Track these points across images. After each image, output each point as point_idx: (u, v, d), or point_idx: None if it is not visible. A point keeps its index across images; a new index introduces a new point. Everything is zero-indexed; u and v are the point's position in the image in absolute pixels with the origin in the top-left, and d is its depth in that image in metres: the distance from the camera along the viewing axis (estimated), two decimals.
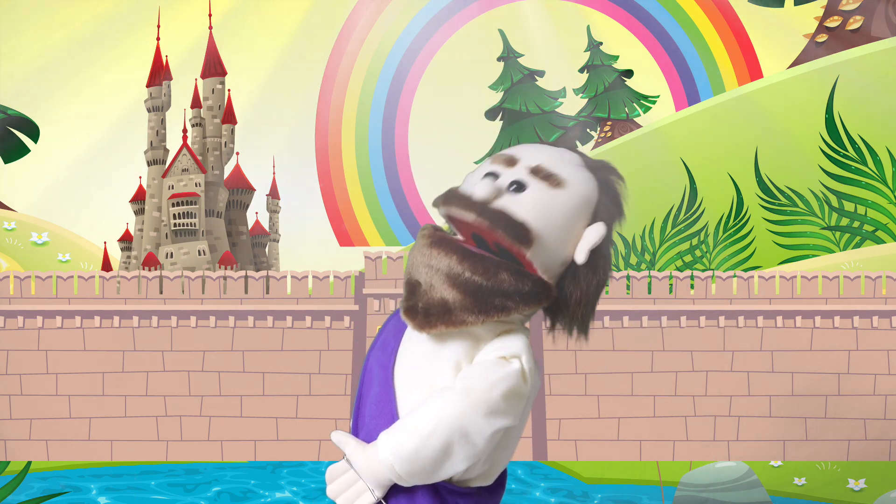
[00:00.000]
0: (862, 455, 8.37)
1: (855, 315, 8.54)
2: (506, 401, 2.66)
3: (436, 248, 2.70)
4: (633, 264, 9.43)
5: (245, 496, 8.29)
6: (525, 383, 2.71)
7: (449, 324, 2.66)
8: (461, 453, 2.62)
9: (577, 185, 2.77)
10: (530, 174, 2.75)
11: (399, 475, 2.65)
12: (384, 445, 2.67)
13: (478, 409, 2.61)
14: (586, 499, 8.22)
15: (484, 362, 2.70)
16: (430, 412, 2.63)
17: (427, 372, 2.74)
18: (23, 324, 8.58)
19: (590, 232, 2.77)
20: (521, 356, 2.72)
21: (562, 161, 2.82)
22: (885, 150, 9.20)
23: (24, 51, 9.96)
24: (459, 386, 2.65)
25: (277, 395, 8.60)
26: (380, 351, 2.90)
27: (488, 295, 2.64)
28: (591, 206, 2.79)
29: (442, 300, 2.67)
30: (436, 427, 2.61)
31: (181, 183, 9.84)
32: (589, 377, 8.54)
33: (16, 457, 8.39)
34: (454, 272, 2.65)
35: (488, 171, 2.79)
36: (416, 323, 2.70)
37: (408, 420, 2.67)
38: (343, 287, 8.70)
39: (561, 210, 2.72)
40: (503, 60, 10.85)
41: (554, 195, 2.72)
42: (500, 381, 2.65)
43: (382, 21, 10.39)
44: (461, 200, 2.73)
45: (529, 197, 2.71)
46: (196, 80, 10.09)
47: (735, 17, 10.15)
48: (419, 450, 2.62)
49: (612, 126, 10.69)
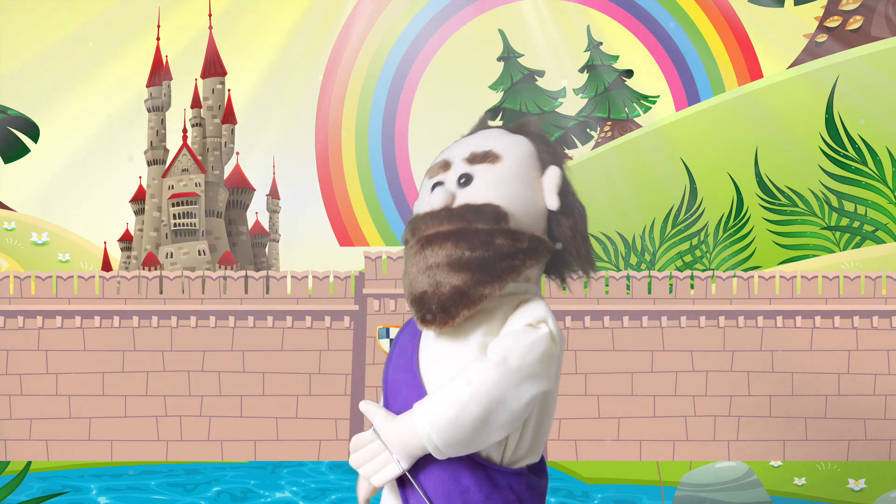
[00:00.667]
0: (862, 455, 8.37)
1: (855, 315, 8.55)
2: (541, 364, 2.68)
3: (427, 247, 2.74)
4: (633, 264, 9.43)
5: (245, 496, 8.29)
6: (556, 345, 2.71)
7: (469, 305, 2.68)
8: (499, 420, 2.62)
9: (511, 148, 2.87)
10: (469, 164, 2.84)
11: (436, 445, 2.63)
12: (420, 416, 2.65)
13: (515, 374, 2.63)
14: (586, 499, 8.22)
15: (513, 332, 2.73)
16: (467, 381, 2.63)
17: (455, 363, 2.73)
18: (23, 324, 8.58)
19: (547, 178, 2.87)
20: (547, 320, 2.76)
21: (487, 139, 2.92)
22: (885, 150, 9.21)
23: (24, 51, 9.97)
24: (494, 356, 2.66)
25: (277, 395, 8.60)
26: (400, 358, 2.89)
27: (494, 262, 2.70)
28: (534, 158, 2.89)
29: (453, 288, 2.70)
30: (473, 395, 2.60)
31: (181, 183, 9.85)
32: (589, 377, 8.54)
33: (16, 457, 8.39)
34: (454, 257, 2.70)
35: (434, 183, 2.85)
36: (437, 324, 2.71)
37: (444, 390, 2.66)
38: (343, 287, 8.70)
39: (512, 175, 2.82)
40: (503, 60, 10.86)
41: (499, 168, 2.82)
42: (533, 345, 2.68)
43: (382, 21, 10.39)
44: (427, 219, 2.78)
45: (481, 181, 2.80)
46: (196, 80, 10.09)
47: (735, 17, 10.16)
48: (457, 418, 2.60)
49: (612, 126, 10.69)
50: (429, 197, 2.82)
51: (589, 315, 8.58)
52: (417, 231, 2.81)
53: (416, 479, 2.70)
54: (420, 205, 2.88)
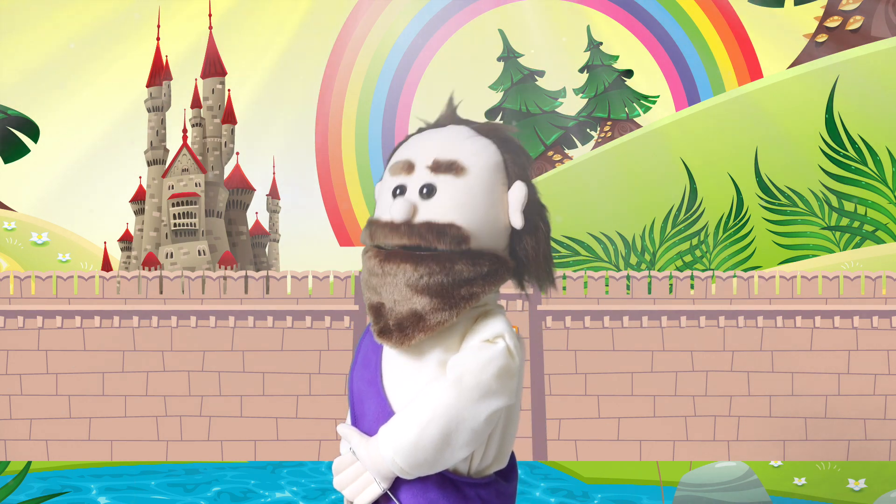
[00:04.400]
0: (862, 455, 8.37)
1: (855, 315, 8.55)
2: (498, 381, 2.67)
3: (387, 263, 2.71)
4: (633, 264, 9.43)
5: (245, 496, 8.29)
6: (513, 360, 2.69)
7: (426, 330, 2.67)
8: (461, 439, 2.64)
9: (478, 159, 2.77)
10: (433, 172, 2.74)
11: (401, 468, 2.69)
12: (384, 440, 2.69)
13: (471, 393, 2.64)
14: (586, 499, 8.22)
15: (469, 349, 2.71)
16: (426, 403, 2.65)
17: (416, 381, 2.74)
18: (23, 324, 8.58)
19: (513, 195, 2.76)
20: (504, 335, 2.73)
21: (453, 143, 2.81)
22: (885, 150, 9.21)
23: (24, 51, 9.97)
24: (451, 375, 2.67)
25: (277, 395, 8.61)
26: (363, 369, 2.89)
27: (453, 289, 2.67)
28: (500, 171, 2.79)
29: (411, 311, 2.68)
30: (432, 417, 2.63)
31: (181, 183, 9.85)
32: (589, 377, 8.54)
33: (16, 457, 8.39)
34: (412, 280, 2.67)
35: (395, 186, 2.79)
36: (393, 341, 2.71)
37: (404, 413, 2.69)
38: (343, 287, 8.70)
39: (477, 192, 2.73)
40: (503, 60, 10.87)
41: (463, 183, 2.73)
42: (489, 362, 2.67)
43: (382, 21, 10.39)
44: (386, 230, 2.73)
45: (443, 197, 2.71)
46: (196, 80, 10.09)
47: (735, 17, 10.16)
48: (418, 441, 2.63)
49: (612, 126, 10.70)
50: (389, 204, 2.76)
51: (589, 315, 8.58)
52: (376, 238, 2.76)
53: (393, 496, 2.74)
54: (381, 208, 2.83)
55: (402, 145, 2.89)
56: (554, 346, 8.56)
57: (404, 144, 2.89)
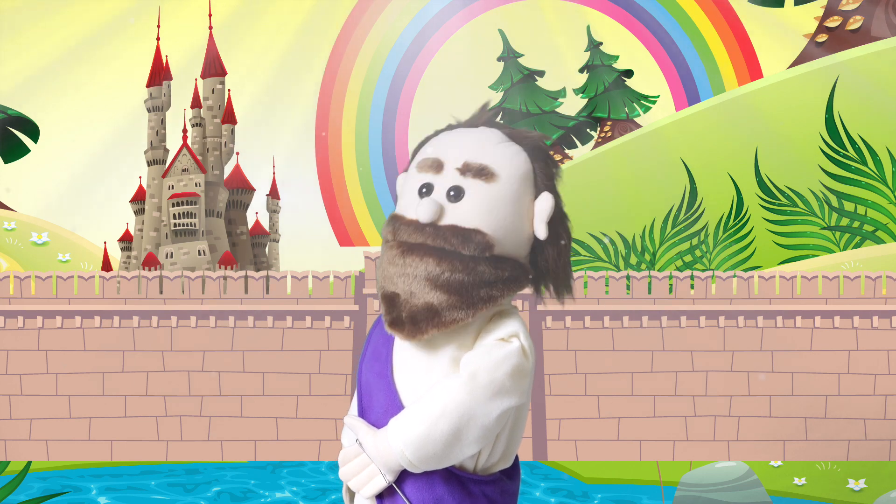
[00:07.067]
0: (861, 455, 8.37)
1: (855, 315, 8.55)
2: (511, 379, 2.67)
3: (409, 255, 2.69)
4: (633, 264, 9.43)
5: (245, 496, 8.29)
6: (527, 360, 2.71)
7: (440, 325, 2.67)
8: (471, 435, 2.64)
9: (508, 167, 2.76)
10: (462, 175, 2.73)
11: (410, 461, 2.67)
12: (394, 432, 2.69)
13: (485, 391, 2.64)
14: (586, 499, 8.23)
15: (484, 346, 2.72)
16: (438, 397, 2.65)
17: (428, 376, 2.74)
18: (23, 324, 8.59)
19: (539, 205, 2.77)
20: (519, 334, 2.74)
21: (484, 147, 2.80)
22: (885, 150, 9.21)
23: (24, 51, 9.97)
24: (464, 371, 2.67)
25: (277, 395, 8.61)
26: (374, 361, 2.89)
27: (472, 289, 2.66)
28: (529, 180, 2.79)
29: (427, 304, 2.67)
30: (444, 411, 2.63)
31: (181, 183, 9.85)
32: (589, 377, 8.54)
33: (16, 457, 8.39)
34: (434, 274, 2.66)
35: (422, 184, 2.77)
36: (405, 333, 2.70)
37: (416, 406, 2.69)
38: (343, 287, 8.70)
39: (505, 201, 2.73)
40: (503, 60, 10.86)
41: (492, 189, 2.72)
42: (504, 361, 2.67)
43: (382, 21, 10.39)
44: (411, 228, 2.72)
45: (471, 202, 2.71)
46: (196, 80, 10.09)
47: (735, 17, 10.16)
48: (428, 434, 2.64)
49: (612, 126, 10.69)
50: (416, 202, 2.74)
51: (589, 315, 8.58)
52: (399, 235, 2.75)
53: (398, 489, 2.75)
54: (405, 204, 2.81)
55: (431, 141, 2.88)
56: (554, 346, 8.57)
57: (433, 140, 2.88)
